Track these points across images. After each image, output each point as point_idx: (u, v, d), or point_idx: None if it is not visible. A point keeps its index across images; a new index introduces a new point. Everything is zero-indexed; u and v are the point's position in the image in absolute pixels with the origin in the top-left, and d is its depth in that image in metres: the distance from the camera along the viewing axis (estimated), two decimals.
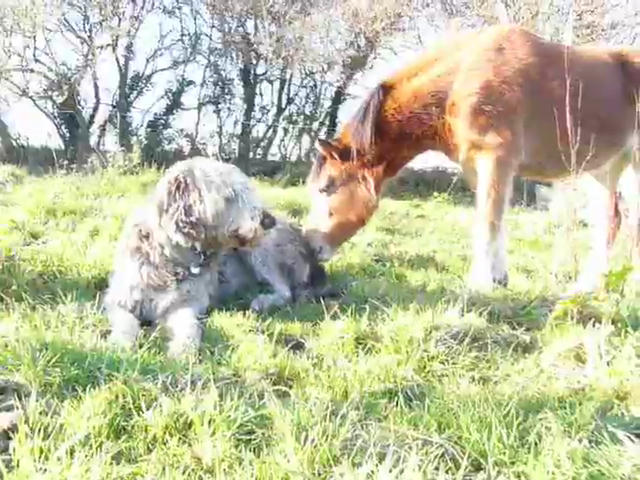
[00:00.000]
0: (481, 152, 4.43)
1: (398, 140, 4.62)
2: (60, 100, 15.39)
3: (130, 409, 2.04)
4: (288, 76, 18.65)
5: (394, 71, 4.90)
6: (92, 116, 17.69)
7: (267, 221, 3.46)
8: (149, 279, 3.41)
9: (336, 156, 4.63)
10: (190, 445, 1.91)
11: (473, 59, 4.45)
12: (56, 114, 16.88)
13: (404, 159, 4.89)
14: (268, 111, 19.57)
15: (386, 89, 4.61)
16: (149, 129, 17.91)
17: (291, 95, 19.61)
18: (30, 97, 16.13)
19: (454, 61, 4.49)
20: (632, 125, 4.75)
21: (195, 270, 3.49)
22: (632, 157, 4.91)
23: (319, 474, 1.79)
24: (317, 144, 4.79)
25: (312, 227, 4.69)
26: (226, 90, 18.96)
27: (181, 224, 3.32)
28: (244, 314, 3.42)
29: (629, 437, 1.98)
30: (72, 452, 1.78)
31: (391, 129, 4.58)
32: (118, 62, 17.26)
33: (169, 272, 3.43)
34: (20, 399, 2.01)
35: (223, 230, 3.41)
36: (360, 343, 3.00)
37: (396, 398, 2.41)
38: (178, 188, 3.33)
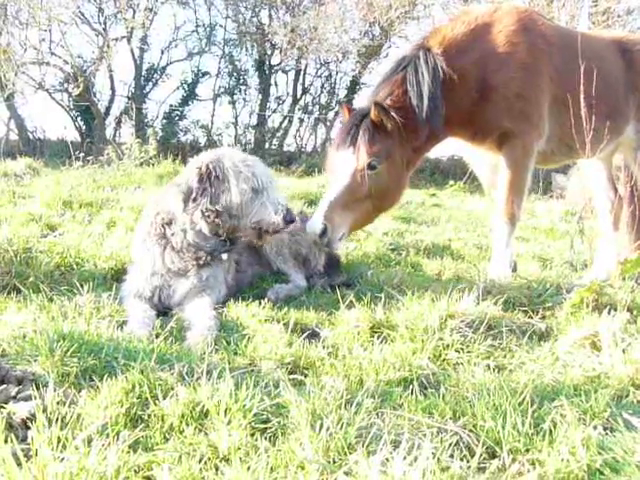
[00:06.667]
0: (508, 138, 4.20)
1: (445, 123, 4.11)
2: (76, 93, 15.49)
3: (147, 398, 2.06)
4: (303, 66, 18.65)
5: (436, 41, 4.15)
6: (108, 108, 17.81)
7: (288, 217, 3.52)
8: (171, 264, 3.47)
9: (390, 127, 3.89)
10: (206, 434, 1.92)
11: (503, 41, 4.16)
12: (72, 106, 17.00)
13: (427, 150, 4.42)
14: (283, 101, 19.59)
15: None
16: (165, 120, 17.99)
17: (306, 85, 19.61)
18: (46, 90, 16.27)
19: (485, 43, 4.18)
20: (631, 112, 4.71)
21: (224, 256, 3.58)
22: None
23: (334, 462, 1.79)
24: (372, 107, 3.85)
25: (337, 207, 3.92)
26: (241, 81, 18.99)
27: (206, 212, 3.39)
28: (260, 304, 3.44)
29: None
30: (89, 441, 1.79)
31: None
32: (133, 54, 17.36)
33: (191, 257, 3.48)
34: (38, 389, 2.03)
35: (246, 221, 3.48)
36: (375, 332, 3.00)
37: (411, 386, 2.42)
38: (209, 176, 3.40)
